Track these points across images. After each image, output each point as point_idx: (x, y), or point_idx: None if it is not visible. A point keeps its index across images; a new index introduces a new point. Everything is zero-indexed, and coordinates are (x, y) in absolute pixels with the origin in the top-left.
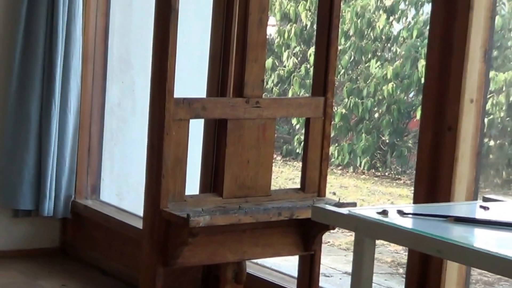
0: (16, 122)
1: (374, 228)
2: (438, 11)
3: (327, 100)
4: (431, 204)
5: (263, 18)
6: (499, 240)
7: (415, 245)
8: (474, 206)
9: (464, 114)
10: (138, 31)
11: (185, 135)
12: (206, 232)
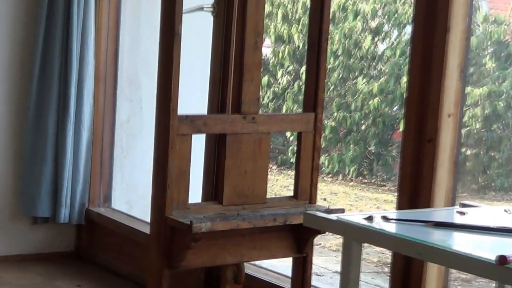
0: (35, 137)
1: (360, 233)
2: (418, 33)
3: (317, 115)
4: (413, 210)
5: (258, 42)
6: (474, 243)
7: (398, 248)
8: (452, 211)
9: (443, 127)
10: (145, 54)
11: (188, 149)
12: (208, 237)
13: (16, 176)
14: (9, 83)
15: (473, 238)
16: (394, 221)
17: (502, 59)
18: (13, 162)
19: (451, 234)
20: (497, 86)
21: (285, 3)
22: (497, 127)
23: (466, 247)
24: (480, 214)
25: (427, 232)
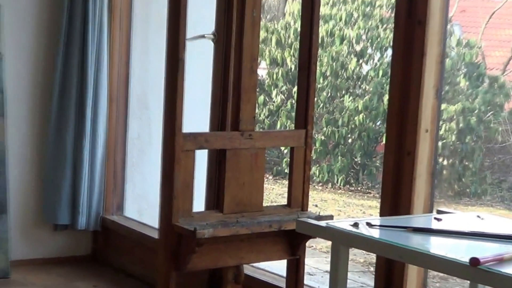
0: (55, 153)
1: (347, 238)
2: (398, 57)
3: (307, 132)
4: (394, 216)
5: (253, 66)
6: (449, 247)
7: (381, 252)
8: (429, 218)
9: (420, 142)
10: (153, 78)
11: (192, 163)
12: (210, 242)
13: (38, 188)
14: (32, 104)
15: (449, 242)
16: (378, 227)
17: (474, 79)
18: (36, 175)
19: (428, 238)
20: (470, 103)
21: (278, 29)
22: (470, 140)
23: (442, 250)
24: (455, 220)
25: (407, 237)
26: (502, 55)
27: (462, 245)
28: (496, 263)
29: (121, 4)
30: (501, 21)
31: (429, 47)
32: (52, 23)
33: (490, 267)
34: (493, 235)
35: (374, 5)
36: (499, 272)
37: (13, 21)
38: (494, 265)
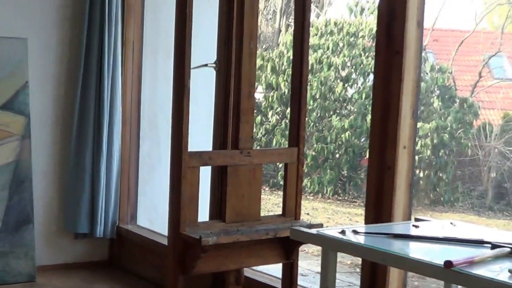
0: (75, 169)
1: (335, 244)
2: (379, 82)
3: (299, 150)
4: (377, 224)
5: (251, 91)
6: (426, 251)
7: (366, 256)
8: (408, 225)
9: (399, 157)
10: (162, 102)
11: (197, 178)
12: (214, 249)
13: (60, 201)
14: (54, 127)
15: (425, 246)
16: (363, 234)
17: (446, 100)
18: (58, 190)
19: (407, 243)
20: (443, 121)
21: (273, 58)
22: (443, 154)
23: (420, 254)
24: (431, 226)
25: (389, 243)
26: (470, 78)
27: (437, 249)
28: (467, 265)
29: (134, 38)
30: (469, 48)
31: (406, 73)
32: (72, 54)
33: (462, 269)
34: (464, 240)
35: (357, 36)
36: (470, 273)
37: (38, 52)
38: (466, 267)
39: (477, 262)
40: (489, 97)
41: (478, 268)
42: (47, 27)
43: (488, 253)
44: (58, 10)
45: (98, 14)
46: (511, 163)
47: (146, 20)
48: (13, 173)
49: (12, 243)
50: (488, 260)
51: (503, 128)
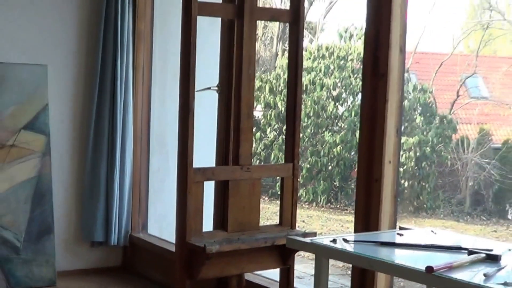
0: (91, 183)
1: (327, 251)
2: (366, 102)
3: (294, 165)
4: (365, 233)
5: (250, 112)
6: (409, 257)
7: (355, 262)
8: (393, 233)
9: (385, 171)
10: (170, 121)
11: (201, 192)
12: (217, 256)
13: (78, 212)
14: (72, 144)
15: (409, 253)
16: (352, 242)
17: (427, 116)
18: (76, 202)
19: (393, 250)
20: (425, 136)
21: (271, 79)
22: (426, 165)
23: (404, 260)
24: (414, 234)
25: (376, 250)
26: (449, 97)
27: (419, 255)
28: (446, 270)
29: (144, 63)
30: (447, 70)
31: (390, 94)
32: (88, 79)
33: (442, 273)
34: (444, 247)
35: (347, 59)
36: (449, 277)
37: (57, 77)
38: (445, 272)
39: (456, 267)
40: (466, 114)
41: (457, 273)
42: (65, 54)
43: (465, 259)
44: (75, 39)
45: (112, 42)
46: (486, 173)
47: (155, 47)
48: (35, 187)
49: (34, 252)
50: (465, 265)
51: (479, 142)
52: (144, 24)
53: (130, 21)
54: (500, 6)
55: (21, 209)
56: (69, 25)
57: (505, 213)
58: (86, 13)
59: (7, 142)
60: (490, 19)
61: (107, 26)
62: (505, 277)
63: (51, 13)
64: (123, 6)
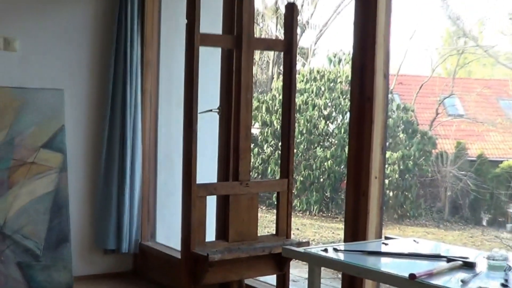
0: (103, 197)
1: (319, 260)
2: (354, 121)
3: (289, 180)
4: (354, 242)
5: (248, 133)
6: (394, 265)
7: (344, 269)
8: (379, 243)
9: (372, 185)
10: (175, 141)
11: (204, 206)
12: (219, 264)
13: (92, 223)
14: (86, 161)
15: (393, 261)
16: (342, 252)
17: (409, 133)
18: (90, 214)
19: (379, 259)
20: (407, 151)
21: (267, 100)
22: (408, 177)
23: (389, 268)
24: (398, 244)
25: (363, 259)
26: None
27: (403, 263)
28: (427, 276)
29: (151, 88)
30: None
31: (376, 116)
32: (100, 101)
33: (423, 280)
34: (425, 255)
35: (336, 81)
36: (430, 283)
37: (72, 100)
38: (427, 278)
39: (436, 274)
40: (445, 130)
41: (437, 279)
42: (80, 80)
43: (445, 266)
44: (88, 66)
45: (122, 69)
46: (463, 183)
47: (161, 73)
48: (53, 200)
49: (53, 258)
50: (444, 272)
51: (456, 155)
52: (152, 53)
53: (139, 50)
54: (473, 34)
55: (41, 220)
56: (84, 54)
57: (480, 220)
58: (98, 42)
59: (28, 160)
60: (464, 45)
61: (118, 55)
62: (480, 282)
63: (68, 44)
64: (132, 37)
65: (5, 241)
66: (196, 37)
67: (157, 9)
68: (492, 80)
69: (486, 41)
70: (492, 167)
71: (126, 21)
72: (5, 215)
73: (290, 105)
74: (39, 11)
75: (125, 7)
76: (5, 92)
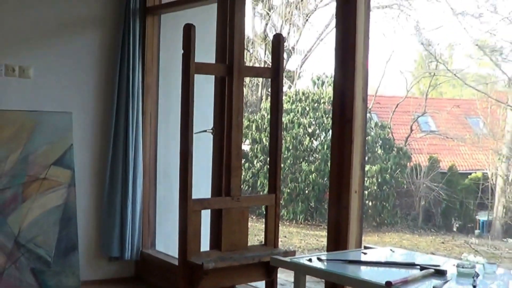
0: (108, 208)
1: (304, 269)
2: (335, 142)
3: (276, 195)
4: (336, 252)
5: (239, 153)
6: (372, 273)
7: (327, 278)
8: (359, 252)
9: (352, 199)
10: (173, 158)
11: (199, 219)
12: (213, 271)
13: (98, 232)
14: (92, 178)
15: (371, 269)
16: (325, 261)
17: (386, 148)
18: (96, 225)
19: (359, 268)
20: (385, 164)
21: (257, 119)
22: (386, 188)
23: (367, 276)
24: (376, 253)
25: (344, 267)
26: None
27: (380, 271)
28: (402, 284)
29: (151, 110)
30: (403, 109)
31: (355, 136)
32: (105, 122)
33: (399, 287)
34: (400, 263)
35: (320, 102)
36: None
37: (80, 122)
38: (402, 285)
39: (410, 281)
40: (418, 145)
41: (411, 286)
42: (86, 104)
43: (418, 274)
44: (94, 90)
45: (124, 92)
46: (435, 193)
47: (160, 97)
48: (62, 213)
49: (62, 265)
50: (418, 279)
51: (429, 168)
52: (151, 78)
53: (140, 75)
54: (443, 58)
55: (51, 230)
56: (90, 80)
57: (451, 227)
58: (104, 69)
59: (40, 176)
60: (436, 68)
61: (121, 80)
62: None
63: (76, 71)
64: (134, 64)
65: (20, 249)
66: (191, 66)
67: (157, 39)
68: (461, 100)
69: (455, 65)
70: (461, 178)
71: (129, 50)
72: (19, 226)
73: (277, 126)
74: (51, 41)
75: (128, 37)
76: (20, 115)
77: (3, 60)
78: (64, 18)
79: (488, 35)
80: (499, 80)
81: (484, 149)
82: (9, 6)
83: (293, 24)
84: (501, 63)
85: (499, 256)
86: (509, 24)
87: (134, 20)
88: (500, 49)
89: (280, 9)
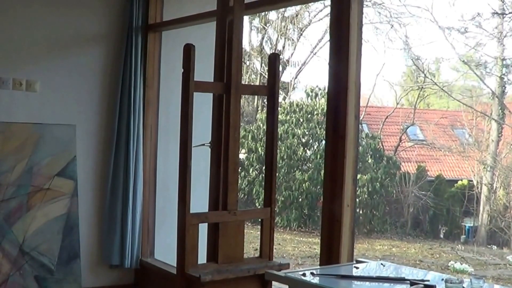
0: (109, 218)
1: (298, 283)
2: (328, 158)
3: (271, 209)
4: (329, 266)
5: (236, 167)
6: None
7: None
8: (351, 267)
9: (344, 213)
10: (172, 170)
11: (196, 233)
12: (210, 283)
13: (99, 241)
14: (94, 188)
15: (363, 284)
16: (318, 275)
17: (377, 158)
18: (97, 234)
19: (350, 282)
20: (375, 173)
21: (253, 129)
22: (376, 196)
23: None
24: (367, 267)
25: (337, 282)
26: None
27: (371, 286)
28: None
29: (151, 123)
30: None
31: (348, 152)
32: (107, 135)
33: None
34: (391, 278)
35: (313, 113)
36: None
37: (83, 134)
38: None
39: None
40: (407, 155)
41: None
42: (89, 116)
43: None
44: (97, 104)
45: (126, 106)
46: (423, 201)
47: (161, 111)
48: (65, 222)
49: (65, 272)
50: None
51: (417, 177)
52: (152, 93)
53: (141, 90)
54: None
55: (55, 239)
56: (93, 94)
57: (438, 233)
58: (106, 83)
59: (44, 186)
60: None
61: (123, 94)
62: None
63: (80, 85)
64: (136, 78)
65: (24, 257)
66: (191, 84)
67: (158, 55)
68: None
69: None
70: (448, 186)
71: (131, 65)
72: (24, 234)
73: (273, 140)
74: (57, 57)
75: (130, 53)
76: (26, 128)
77: (11, 74)
78: (70, 34)
79: (473, 51)
80: (484, 93)
81: (470, 159)
82: (19, 24)
83: (288, 38)
84: (485, 77)
85: (484, 263)
86: (492, 40)
87: (136, 37)
88: (485, 63)
89: (276, 24)
